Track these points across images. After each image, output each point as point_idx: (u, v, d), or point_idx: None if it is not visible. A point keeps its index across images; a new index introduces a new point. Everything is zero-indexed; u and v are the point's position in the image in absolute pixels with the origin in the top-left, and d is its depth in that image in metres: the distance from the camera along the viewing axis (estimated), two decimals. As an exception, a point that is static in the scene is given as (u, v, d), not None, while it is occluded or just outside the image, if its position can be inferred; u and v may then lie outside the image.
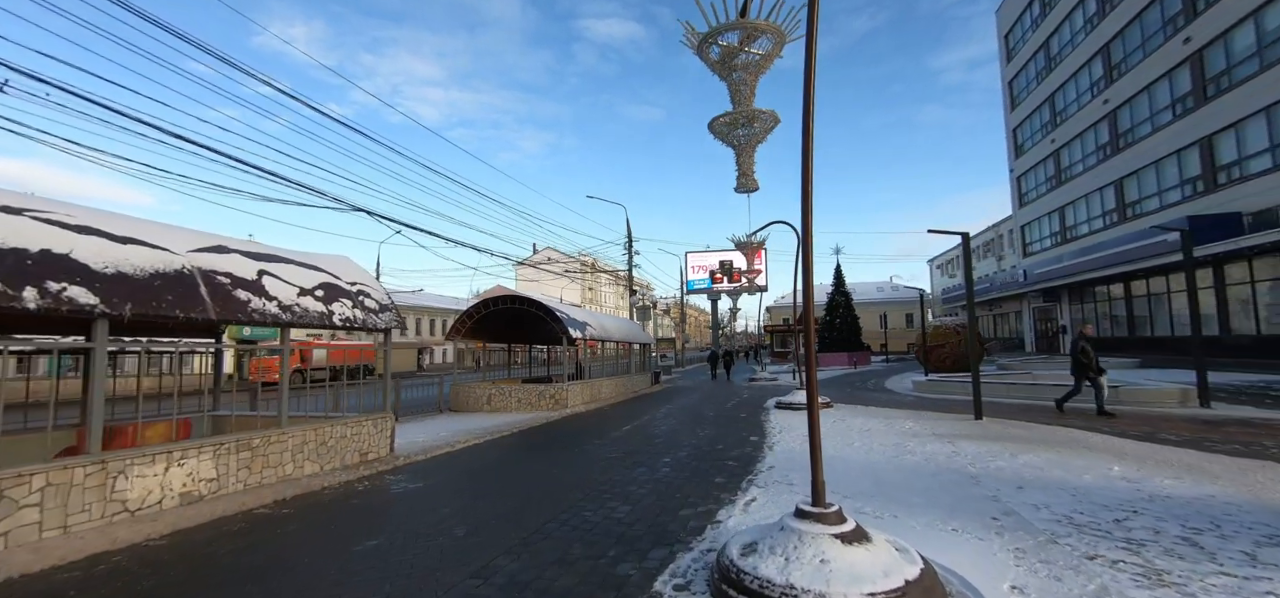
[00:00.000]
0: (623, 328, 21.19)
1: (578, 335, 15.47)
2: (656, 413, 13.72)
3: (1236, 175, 19.87)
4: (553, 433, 10.93)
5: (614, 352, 21.16)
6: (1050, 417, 10.43)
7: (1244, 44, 19.37)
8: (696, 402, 16.34)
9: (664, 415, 13.07)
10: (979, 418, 9.93)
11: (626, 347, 21.70)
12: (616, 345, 20.37)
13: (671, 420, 12.08)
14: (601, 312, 24.31)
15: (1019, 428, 8.96)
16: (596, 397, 17.15)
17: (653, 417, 12.94)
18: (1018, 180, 37.37)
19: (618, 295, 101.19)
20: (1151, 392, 11.19)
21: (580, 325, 15.98)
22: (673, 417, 12.75)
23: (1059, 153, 31.69)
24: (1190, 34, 21.49)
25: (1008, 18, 37.85)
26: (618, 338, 19.61)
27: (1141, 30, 24.51)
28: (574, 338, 15.35)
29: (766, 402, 15.31)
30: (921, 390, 16.21)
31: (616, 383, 19.12)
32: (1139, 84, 24.64)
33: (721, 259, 41.49)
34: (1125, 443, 7.53)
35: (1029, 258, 35.68)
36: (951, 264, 63.16)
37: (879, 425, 9.76)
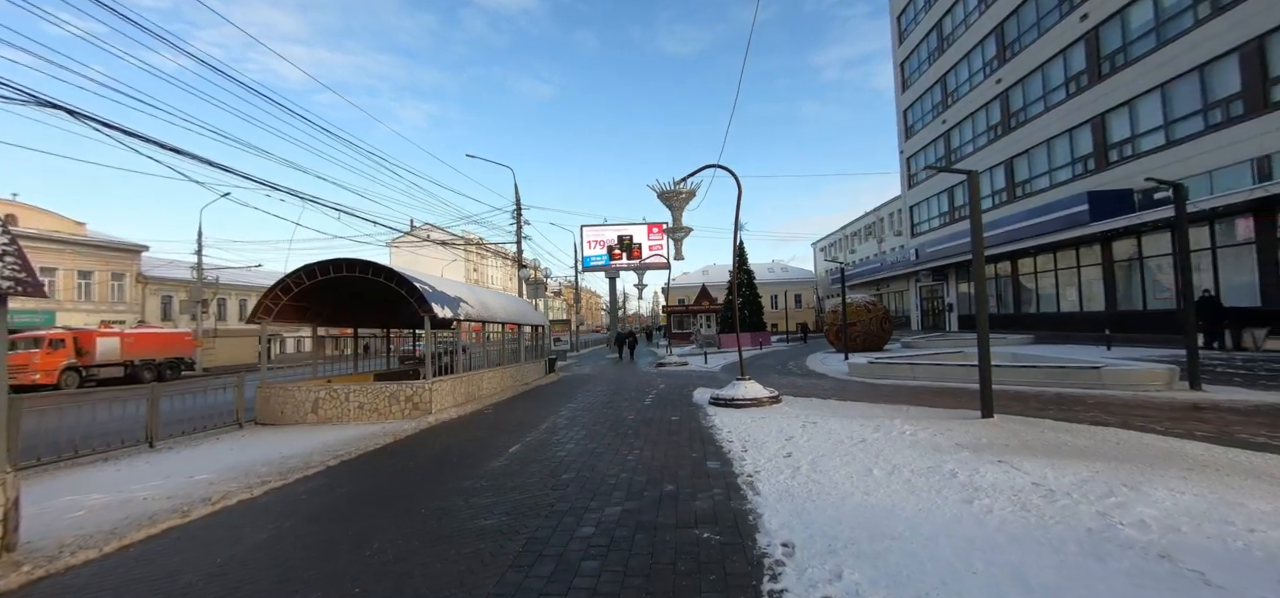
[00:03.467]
0: (510, 307, 17.16)
1: (446, 313, 11.31)
2: (557, 417, 10.11)
3: (1129, 153, 20.36)
4: (395, 465, 6.94)
5: (501, 337, 17.09)
6: (1044, 408, 8.44)
7: (1141, 20, 19.68)
8: (606, 396, 12.95)
9: (568, 423, 9.50)
10: (988, 415, 7.59)
11: (515, 330, 17.72)
12: (502, 329, 16.32)
13: (580, 432, 8.54)
14: (487, 288, 20.23)
15: (1060, 431, 6.66)
16: (475, 395, 13.10)
17: (553, 425, 9.31)
18: (908, 161, 38.24)
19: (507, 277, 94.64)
20: (1140, 373, 9.75)
21: (451, 301, 11.81)
22: (581, 425, 9.22)
23: (950, 133, 32.36)
24: (1087, 11, 21.76)
25: (900, 0, 38.37)
26: (504, 319, 15.59)
27: (1037, 9, 24.84)
28: (441, 316, 11.18)
29: (693, 395, 12.32)
30: (862, 375, 14.20)
31: (502, 375, 15.13)
32: (1033, 63, 25.05)
33: (620, 234, 38.31)
34: (1244, 456, 5.35)
35: (918, 237, 36.65)
36: (835, 247, 65.80)
37: (871, 434, 7.03)
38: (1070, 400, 9.04)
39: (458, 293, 12.74)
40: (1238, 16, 16.39)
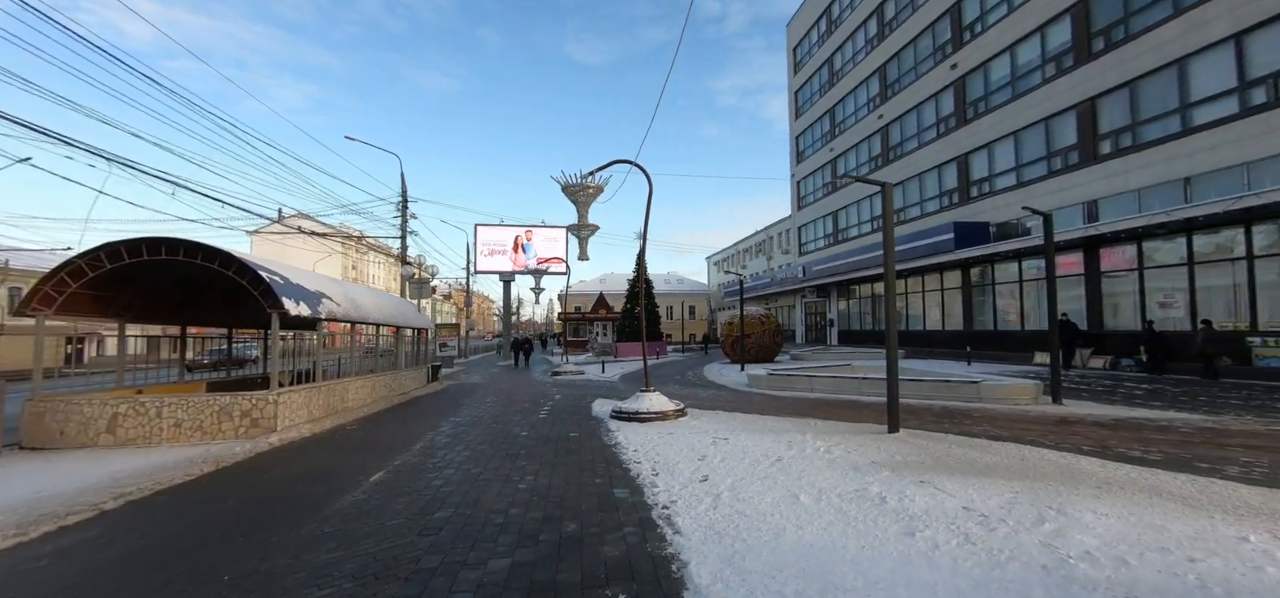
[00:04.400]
0: (388, 307, 15.15)
1: (302, 310, 9.41)
2: (437, 434, 8.70)
3: (987, 190, 22.78)
4: (208, 504, 5.28)
5: (376, 341, 15.00)
6: (939, 421, 8.64)
7: (1000, 74, 22.16)
8: (496, 409, 11.63)
9: (449, 441, 8.15)
10: (895, 431, 7.49)
11: (393, 333, 15.69)
12: (377, 331, 14.29)
13: (463, 453, 7.28)
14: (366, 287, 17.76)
15: (964, 447, 6.64)
16: (338, 408, 11.15)
17: (430, 444, 7.93)
18: (798, 184, 40.50)
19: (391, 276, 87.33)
20: (1012, 388, 10.41)
21: (309, 296, 9.89)
22: (464, 444, 7.93)
23: (837, 161, 34.67)
24: (956, 61, 24.19)
25: (797, 32, 40.74)
26: (379, 320, 13.63)
27: (915, 55, 27.30)
28: (295, 314, 9.26)
29: (592, 407, 11.40)
30: (762, 387, 14.16)
31: (374, 384, 13.17)
32: (910, 103, 27.46)
33: (517, 235, 36.52)
34: (1134, 472, 5.50)
35: (805, 256, 38.83)
36: (728, 261, 68.44)
37: (786, 451, 6.59)
38: (958, 414, 9.37)
39: (320, 287, 10.78)
40: (1075, 79, 18.89)
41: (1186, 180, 15.75)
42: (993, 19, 22.59)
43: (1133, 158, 17.16)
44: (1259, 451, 6.28)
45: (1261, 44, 14.24)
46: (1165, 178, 16.24)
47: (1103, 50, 18.16)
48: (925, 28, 26.44)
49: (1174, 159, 16.02)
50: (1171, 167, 16.08)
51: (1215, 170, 15.03)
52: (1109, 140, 18.01)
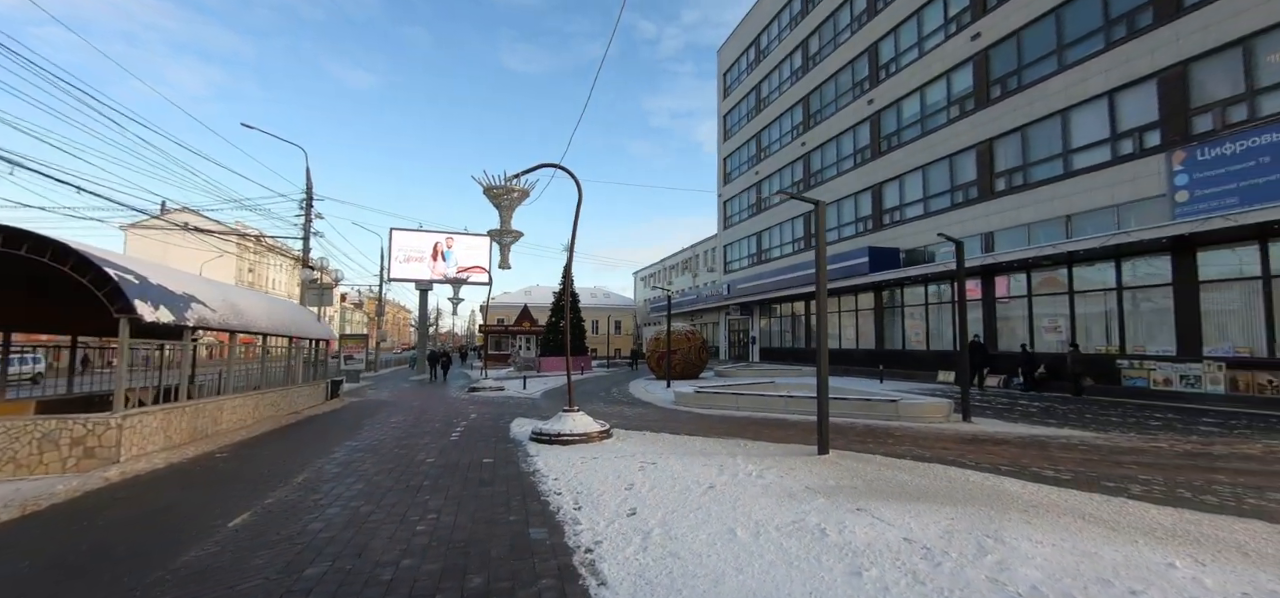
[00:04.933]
0: (279, 315, 13.48)
1: (161, 315, 7.95)
2: (326, 462, 7.57)
3: (898, 218, 24.18)
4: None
5: (262, 352, 13.26)
6: (863, 440, 8.66)
7: (911, 112, 23.70)
8: (401, 431, 10.50)
9: (340, 470, 7.09)
10: (825, 452, 7.34)
11: (286, 343, 13.99)
12: (264, 341, 12.61)
13: (355, 486, 6.31)
14: (260, 293, 15.65)
15: (894, 469, 6.55)
16: (209, 431, 9.58)
17: (317, 475, 6.84)
18: (724, 204, 41.45)
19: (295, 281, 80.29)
20: (927, 407, 10.75)
21: (174, 299, 8.41)
22: (358, 473, 6.92)
23: (762, 183, 35.79)
24: (873, 97, 25.66)
25: (727, 59, 41.96)
26: (267, 328, 12.02)
27: (836, 88, 28.75)
28: (152, 319, 7.80)
29: (510, 428, 10.58)
30: (689, 405, 13.88)
31: (258, 402, 11.54)
32: (830, 133, 28.83)
33: (437, 242, 34.63)
34: (1053, 493, 5.56)
35: (729, 274, 39.66)
36: (656, 277, 69.01)
37: (717, 477, 6.21)
38: (880, 432, 9.48)
39: (190, 290, 9.25)
40: (976, 121, 20.50)
41: (1067, 218, 17.39)
42: (906, 61, 24.21)
43: (1023, 195, 18.76)
44: (1150, 468, 6.66)
45: (1129, 102, 16.04)
46: (1050, 215, 17.85)
47: (1000, 97, 19.84)
48: (845, 64, 27.94)
49: (1057, 198, 17.66)
50: (1055, 205, 17.71)
51: (1091, 210, 16.68)
52: (1004, 178, 19.63)
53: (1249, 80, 13.68)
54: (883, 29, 25.59)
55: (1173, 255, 14.51)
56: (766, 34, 36.30)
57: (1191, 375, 13.78)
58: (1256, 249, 13.05)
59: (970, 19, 21.17)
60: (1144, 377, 14.72)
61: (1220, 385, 13.14)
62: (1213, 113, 14.27)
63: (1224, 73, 14.18)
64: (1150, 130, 15.50)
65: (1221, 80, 14.23)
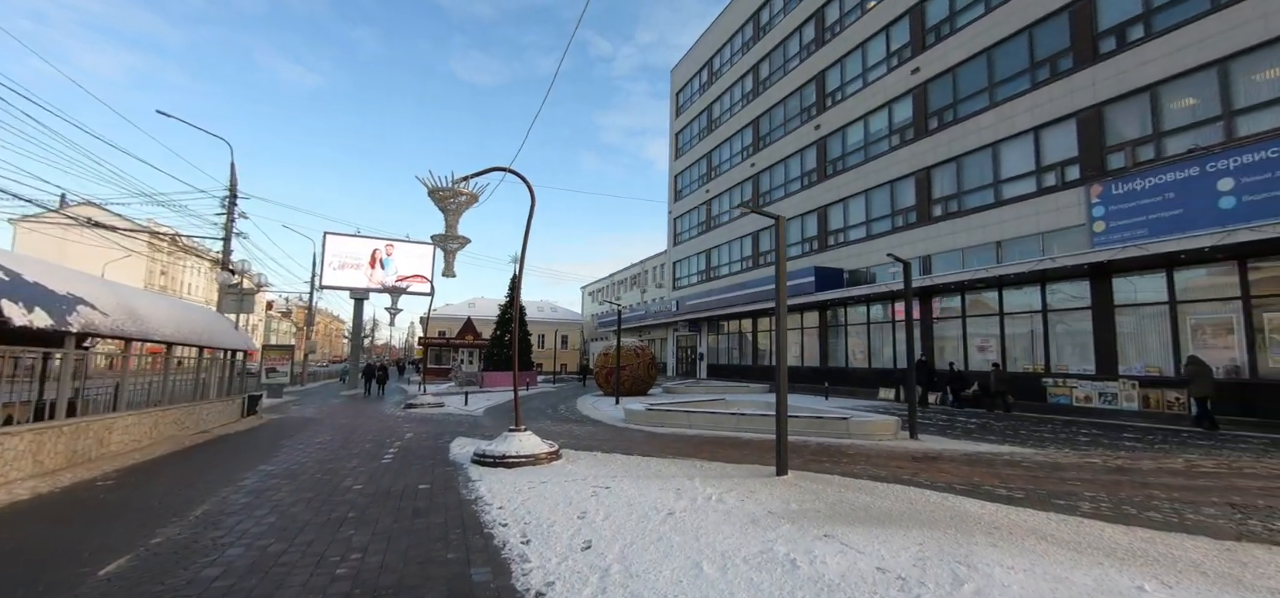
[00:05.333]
0: (191, 322, 12.12)
1: (35, 319, 6.81)
2: (234, 491, 6.66)
3: (842, 240, 24.92)
4: None
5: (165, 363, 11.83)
6: (818, 459, 8.55)
7: (855, 140, 24.60)
8: (326, 452, 9.54)
9: (249, 501, 6.24)
10: (784, 473, 7.13)
11: (195, 353, 12.58)
12: (168, 351, 11.24)
13: (263, 522, 5.52)
14: (167, 297, 13.80)
15: (855, 490, 6.40)
16: (92, 453, 8.32)
17: (219, 508, 5.97)
18: (675, 221, 41.69)
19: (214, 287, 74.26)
20: (877, 424, 10.83)
21: (55, 301, 7.25)
22: (269, 504, 6.10)
23: (712, 202, 36.24)
24: (820, 122, 26.50)
25: (680, 79, 42.51)
26: (172, 336, 10.72)
27: (785, 112, 29.54)
28: (22, 323, 6.66)
29: (450, 448, 9.84)
30: (640, 423, 13.49)
31: (157, 420, 10.23)
32: (779, 156, 29.55)
33: (376, 248, 32.88)
34: (1012, 513, 5.53)
35: (678, 291, 39.81)
36: (604, 292, 68.57)
37: (676, 502, 5.85)
38: (834, 451, 9.42)
39: (75, 289, 8.06)
40: (915, 150, 21.49)
41: (998, 243, 18.38)
42: (851, 90, 25.17)
43: (958, 221, 19.73)
44: (1092, 484, 6.83)
45: (1052, 138, 17.19)
46: (982, 241, 18.82)
47: (937, 128, 20.89)
48: (794, 90, 28.80)
49: (989, 225, 18.66)
50: (987, 232, 18.70)
51: (1020, 237, 17.70)
52: (940, 205, 20.59)
53: (1155, 123, 14.93)
54: (830, 59, 26.57)
55: (1091, 281, 15.54)
56: (719, 57, 37.05)
57: (1109, 393, 14.71)
58: (1163, 277, 14.14)
59: (911, 54, 22.27)
60: (1067, 394, 15.60)
61: (1135, 402, 14.07)
62: (1124, 151, 15.47)
63: (1134, 116, 15.43)
64: (1071, 165, 16.65)
65: (1132, 122, 15.47)
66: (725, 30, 36.25)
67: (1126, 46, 15.68)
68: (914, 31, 22.32)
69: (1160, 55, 14.92)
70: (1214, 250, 12.53)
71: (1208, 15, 14.17)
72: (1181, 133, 14.44)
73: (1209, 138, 13.88)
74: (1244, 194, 12.77)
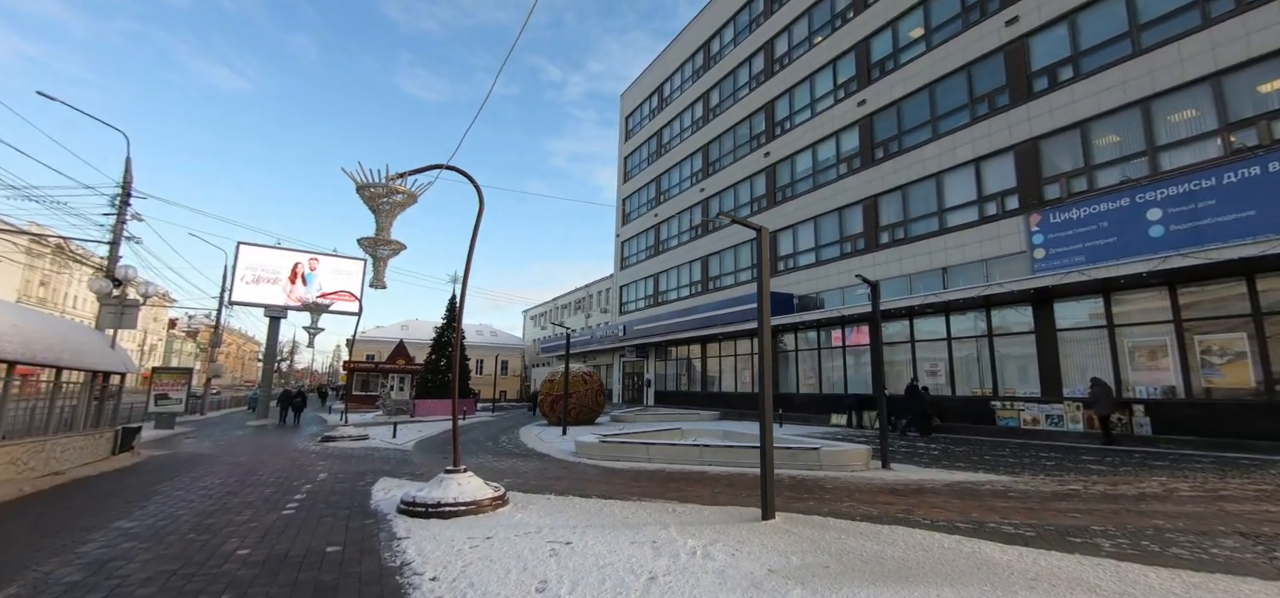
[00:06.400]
0: (39, 335, 9.89)
1: None
2: (62, 563, 4.99)
3: (791, 265, 24.92)
4: None
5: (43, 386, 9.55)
6: (796, 494, 7.74)
7: (804, 167, 24.83)
8: (207, 502, 7.77)
9: (81, 580, 4.63)
10: (770, 516, 6.23)
11: (52, 375, 10.30)
12: (8, 371, 9.03)
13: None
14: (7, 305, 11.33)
15: (854, 535, 5.57)
16: None
17: (40, 581, 4.34)
18: (622, 245, 40.97)
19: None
20: (848, 454, 10.22)
21: None
22: (106, 588, 4.53)
23: (660, 226, 35.81)
24: (769, 150, 26.67)
25: (630, 103, 42.28)
26: (15, 354, 8.59)
27: (734, 139, 29.65)
28: None
29: (372, 494, 8.30)
30: (592, 456, 12.27)
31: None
32: (728, 182, 29.51)
33: (297, 261, 30.01)
34: (1040, 558, 4.85)
35: (625, 315, 38.89)
36: (547, 316, 66.70)
37: (656, 562, 4.81)
38: (810, 484, 8.66)
39: None
40: (862, 179, 21.83)
41: (944, 270, 18.72)
42: (799, 119, 25.52)
43: (905, 248, 20.04)
44: (1091, 515, 6.35)
45: (993, 169, 17.77)
46: (929, 266, 19.14)
47: (883, 158, 21.32)
48: (744, 118, 29.00)
49: (934, 252, 19.01)
50: (933, 258, 19.04)
51: (965, 263, 18.08)
52: (887, 231, 20.90)
53: (1087, 157, 15.65)
54: (778, 89, 26.93)
55: (1034, 306, 15.92)
56: (669, 83, 37.09)
57: (1055, 415, 14.95)
58: (1102, 301, 14.62)
59: (857, 87, 22.80)
60: (1015, 417, 15.78)
61: (1079, 424, 14.33)
62: (1060, 182, 16.12)
63: (1067, 149, 16.14)
64: (1011, 195, 17.21)
65: (1065, 155, 16.17)
66: (676, 57, 36.41)
67: (1058, 86, 16.48)
68: (860, 66, 22.91)
69: (1088, 94, 15.73)
70: (1151, 276, 13.02)
71: (1129, 58, 15.08)
72: (1111, 166, 15.17)
73: (1137, 171, 14.63)
74: (1171, 223, 13.41)
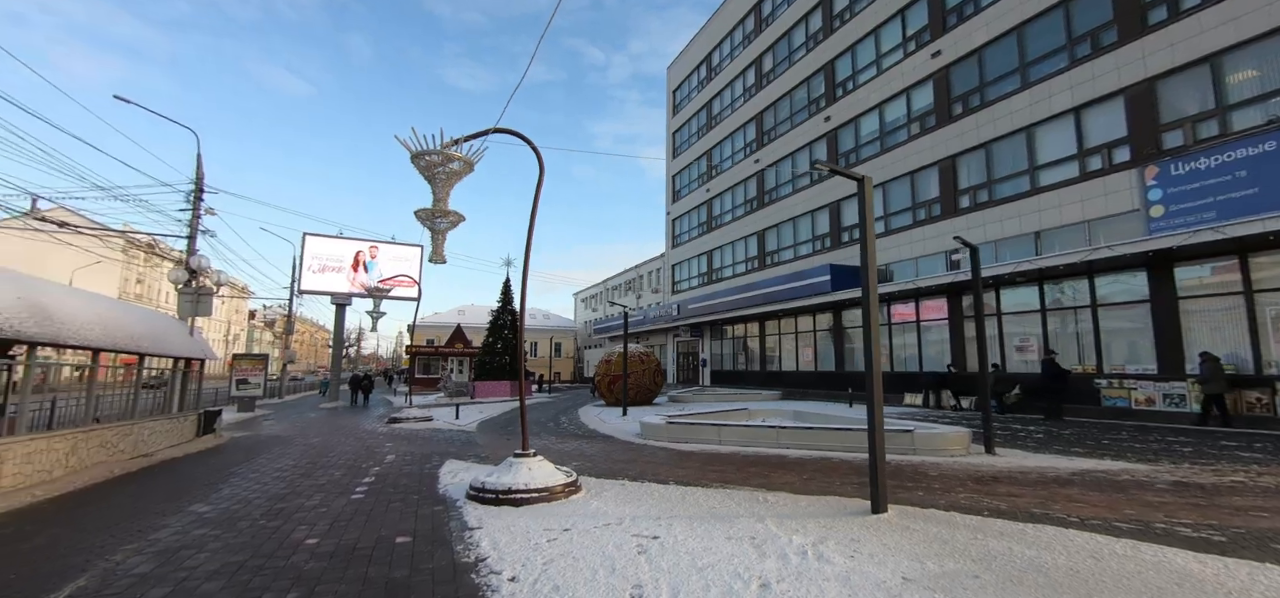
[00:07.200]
0: (123, 323, 10.18)
1: None
2: (133, 553, 4.84)
3: (856, 236, 23.40)
4: None
5: (87, 375, 9.91)
6: (910, 488, 6.87)
7: (870, 129, 23.17)
8: (285, 481, 7.70)
9: (146, 575, 4.42)
10: (882, 509, 5.44)
11: (136, 363, 10.65)
12: (93, 359, 9.31)
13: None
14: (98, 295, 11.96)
15: (996, 537, 4.72)
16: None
17: (94, 589, 4.14)
18: (673, 222, 40.10)
19: (190, 295, 71.18)
20: (947, 437, 9.20)
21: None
22: (173, 580, 4.29)
23: (712, 201, 34.68)
24: (830, 114, 25.06)
25: (677, 76, 41.02)
26: (100, 342, 8.81)
27: (790, 105, 28.08)
28: None
29: (439, 477, 8.04)
30: (658, 438, 11.72)
31: (77, 444, 8.30)
32: (785, 150, 28.07)
33: (359, 250, 30.89)
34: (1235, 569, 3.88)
35: (678, 294, 38.15)
36: (595, 299, 66.80)
37: (758, 561, 4.15)
38: (911, 472, 7.75)
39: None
40: (937, 138, 20.06)
41: (1037, 234, 16.94)
42: (863, 79, 23.76)
43: (989, 212, 18.28)
44: (1273, 512, 5.22)
45: (1097, 118, 15.80)
46: (1018, 231, 17.37)
47: (961, 114, 19.48)
48: (800, 82, 27.37)
49: (1026, 214, 17.21)
50: (1024, 221, 17.25)
51: (1062, 226, 16.25)
52: (968, 195, 19.15)
53: (1218, 96, 13.57)
54: (839, 47, 25.18)
55: (1150, 271, 14.09)
56: (718, 52, 35.62)
57: (1175, 395, 13.22)
58: (1236, 262, 12.71)
59: (930, 38, 20.90)
60: (1124, 396, 14.10)
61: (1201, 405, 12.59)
62: (1183, 128, 14.09)
63: (1192, 89, 14.05)
64: (1119, 146, 15.25)
65: (1190, 96, 14.09)
66: (724, 24, 34.85)
67: (1179, 15, 14.34)
68: (933, 13, 20.96)
69: (1220, 22, 13.58)
70: (1308, 232, 11.11)
71: (1274, -22, 12.85)
72: (1250, 105, 13.06)
73: (1284, 110, 12.52)
74: (1332, 170, 11.39)
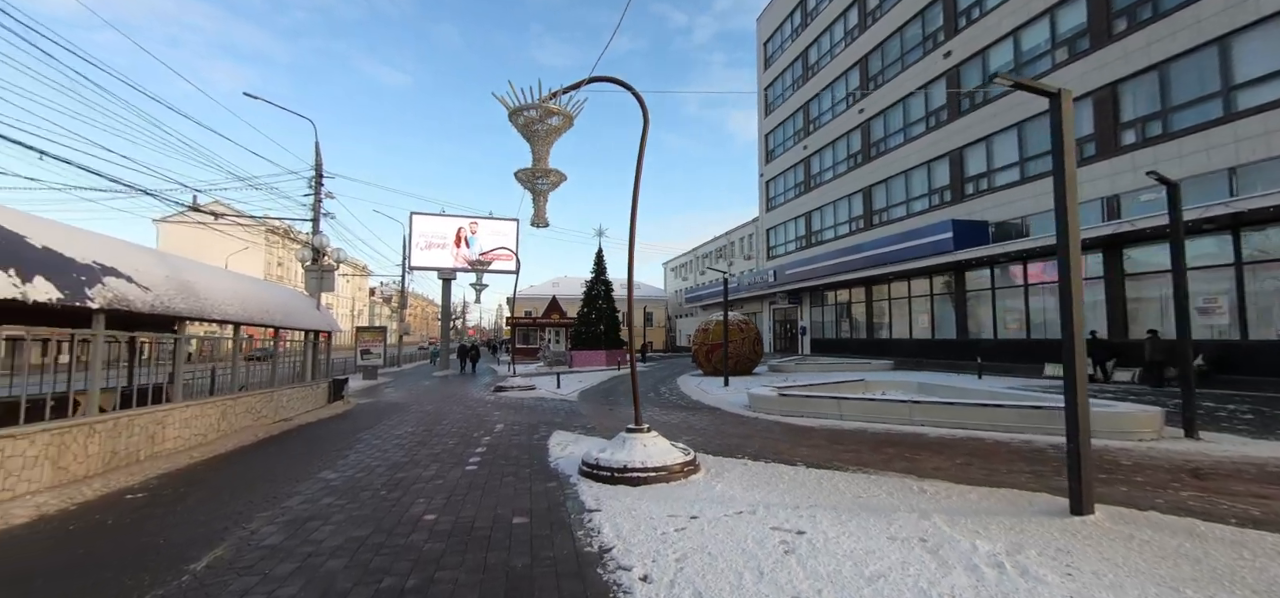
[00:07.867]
0: (259, 299, 10.97)
1: (30, 291, 5.40)
2: (266, 523, 4.92)
3: (984, 187, 20.70)
4: None
5: (233, 347, 10.79)
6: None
7: (1001, 62, 20.16)
8: (406, 448, 7.85)
9: (275, 546, 4.42)
10: (1087, 511, 4.36)
11: (272, 336, 11.51)
12: (236, 333, 10.08)
13: (287, 589, 3.58)
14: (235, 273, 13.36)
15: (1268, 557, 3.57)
16: (139, 454, 7.06)
17: (228, 559, 4.18)
18: (767, 184, 38.16)
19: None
20: (1133, 417, 7.64)
21: (71, 270, 5.88)
22: (298, 555, 4.24)
23: (810, 159, 32.42)
24: (950, 49, 22.15)
25: (768, 26, 38.51)
26: (239, 316, 9.50)
27: (901, 44, 25.22)
28: (8, 295, 5.25)
29: (548, 448, 7.84)
30: (769, 411, 10.92)
31: (226, 410, 9.03)
32: (894, 96, 25.33)
33: (460, 226, 32.28)
34: None
35: (773, 260, 36.43)
36: (685, 267, 65.97)
37: (934, 568, 3.35)
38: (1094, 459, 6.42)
39: (102, 256, 6.70)
40: (1092, 62, 16.95)
41: (1232, 171, 13.86)
42: (991, 4, 20.65)
43: (1161, 147, 15.23)
44: None
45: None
46: (1206, 168, 14.31)
47: (1124, 31, 16.28)
48: (913, 15, 24.41)
49: (1215, 147, 14.12)
50: (1213, 156, 14.17)
51: (1270, 158, 13.14)
52: (1132, 129, 16.08)
53: None
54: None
55: None
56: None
57: None
58: None
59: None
60: (1363, 371, 11.24)
61: None
62: None
63: None
64: (1363, 51, 11.92)
65: None
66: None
67: None
68: (1087, -86, 17.56)
69: None
70: None
71: None
72: None
73: None
74: None
